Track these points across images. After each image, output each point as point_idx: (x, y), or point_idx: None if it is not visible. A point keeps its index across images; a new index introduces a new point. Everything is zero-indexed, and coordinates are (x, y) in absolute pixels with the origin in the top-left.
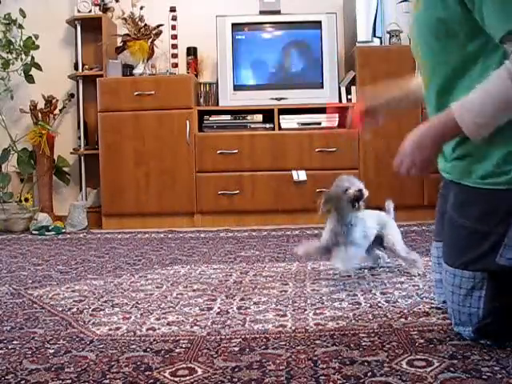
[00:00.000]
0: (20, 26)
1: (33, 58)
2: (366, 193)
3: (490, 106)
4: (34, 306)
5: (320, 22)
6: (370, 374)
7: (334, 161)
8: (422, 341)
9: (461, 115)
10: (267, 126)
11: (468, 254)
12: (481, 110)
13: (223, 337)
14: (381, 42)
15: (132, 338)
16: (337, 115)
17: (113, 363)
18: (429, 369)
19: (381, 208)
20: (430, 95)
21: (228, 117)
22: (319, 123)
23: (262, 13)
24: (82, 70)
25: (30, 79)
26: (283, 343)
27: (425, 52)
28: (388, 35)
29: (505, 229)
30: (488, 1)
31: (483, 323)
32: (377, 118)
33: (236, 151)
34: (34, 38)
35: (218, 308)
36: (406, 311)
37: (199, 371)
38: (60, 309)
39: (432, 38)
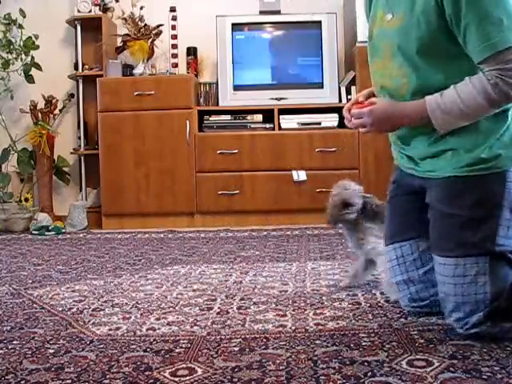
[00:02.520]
0: (20, 26)
1: (33, 57)
2: (356, 200)
3: (458, 110)
4: (34, 305)
5: (320, 22)
6: (369, 374)
7: (334, 161)
8: (422, 341)
9: (433, 111)
10: (267, 125)
11: (468, 241)
12: (450, 111)
13: (223, 337)
14: None
15: (132, 338)
16: (336, 115)
17: (113, 363)
18: (429, 369)
19: None
20: (397, 92)
21: (228, 117)
22: (319, 123)
23: (261, 13)
24: (82, 70)
25: (29, 79)
26: (283, 343)
27: (401, 64)
28: None
29: (498, 211)
30: (472, 28)
31: (494, 306)
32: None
33: (236, 151)
34: (34, 38)
35: (218, 308)
36: (405, 311)
37: (199, 371)
38: (60, 309)
39: (413, 54)
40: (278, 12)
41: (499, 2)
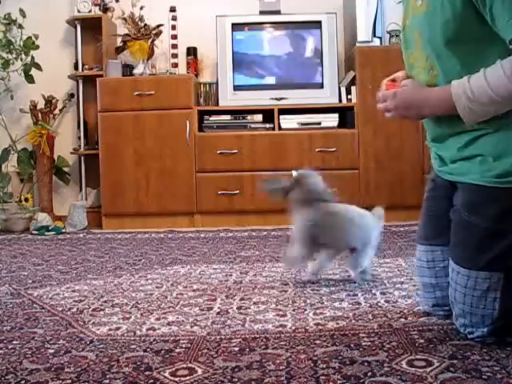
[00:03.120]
0: (20, 26)
1: (33, 57)
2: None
3: (485, 97)
4: (34, 305)
5: (320, 22)
6: (369, 374)
7: (334, 161)
8: (421, 341)
9: (459, 98)
10: (267, 125)
11: (485, 255)
12: (477, 98)
13: (223, 337)
14: (381, 42)
15: (132, 338)
16: (336, 115)
17: (113, 363)
18: (429, 369)
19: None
20: (430, 85)
21: (228, 117)
22: (319, 123)
23: (261, 13)
24: (82, 70)
25: (29, 79)
26: (283, 343)
27: (432, 52)
28: (388, 35)
29: None
30: (498, 4)
31: (499, 323)
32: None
33: (236, 151)
34: (33, 38)
35: (218, 308)
36: (405, 311)
37: (199, 371)
38: (60, 309)
39: (441, 40)
40: (278, 12)
41: None
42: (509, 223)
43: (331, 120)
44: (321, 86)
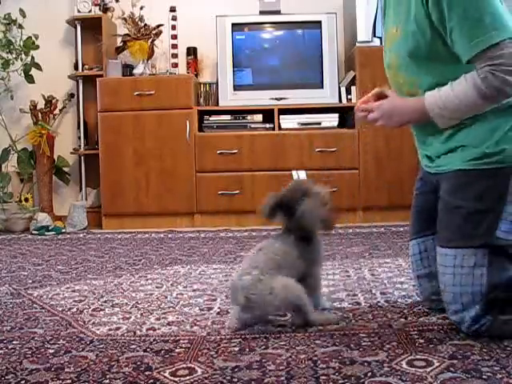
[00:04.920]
0: (20, 26)
1: (33, 57)
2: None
3: (453, 105)
4: (34, 305)
5: (320, 22)
6: (369, 374)
7: (334, 161)
8: (421, 341)
9: (432, 109)
10: (267, 125)
11: (469, 232)
12: (446, 106)
13: (223, 337)
14: (381, 42)
15: (132, 338)
16: (336, 115)
17: (113, 363)
18: (429, 369)
19: (380, 207)
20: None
21: (228, 117)
22: (319, 123)
23: (261, 13)
24: (82, 70)
25: (29, 79)
26: (283, 343)
27: (415, 71)
28: None
29: (501, 204)
30: (456, 29)
31: (489, 298)
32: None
33: (236, 151)
34: (33, 38)
35: (218, 308)
36: (405, 311)
37: (199, 371)
38: (60, 309)
39: (415, 60)
40: (278, 12)
41: (479, 2)
42: (489, 201)
43: (331, 120)
44: (321, 86)
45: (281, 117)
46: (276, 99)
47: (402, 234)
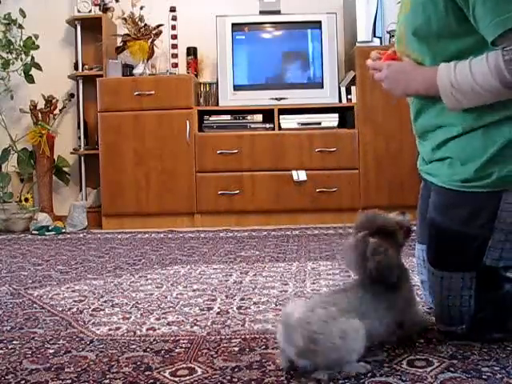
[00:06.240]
0: (20, 26)
1: (33, 57)
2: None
3: (468, 87)
4: (34, 305)
5: (320, 22)
6: (369, 374)
7: (334, 161)
8: (421, 341)
9: (442, 82)
10: (267, 125)
11: (456, 257)
12: (460, 86)
13: (223, 337)
14: (381, 42)
15: (132, 338)
16: (336, 115)
17: (113, 363)
18: (429, 369)
19: (380, 207)
20: None
21: (228, 117)
22: (319, 123)
23: (261, 13)
24: (82, 70)
25: (30, 79)
26: None
27: (417, 49)
28: (388, 35)
29: (489, 231)
30: (479, 3)
31: (478, 318)
32: None
33: (236, 151)
34: (33, 38)
35: (218, 308)
36: None
37: (199, 371)
38: (60, 309)
39: (424, 37)
40: (278, 12)
41: None
42: (477, 225)
43: (331, 120)
44: (321, 86)
45: (281, 117)
46: (276, 99)
47: None
